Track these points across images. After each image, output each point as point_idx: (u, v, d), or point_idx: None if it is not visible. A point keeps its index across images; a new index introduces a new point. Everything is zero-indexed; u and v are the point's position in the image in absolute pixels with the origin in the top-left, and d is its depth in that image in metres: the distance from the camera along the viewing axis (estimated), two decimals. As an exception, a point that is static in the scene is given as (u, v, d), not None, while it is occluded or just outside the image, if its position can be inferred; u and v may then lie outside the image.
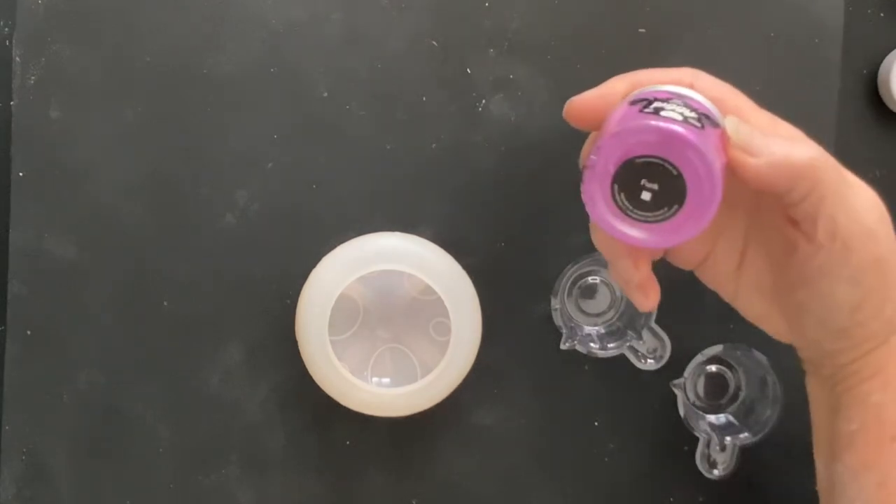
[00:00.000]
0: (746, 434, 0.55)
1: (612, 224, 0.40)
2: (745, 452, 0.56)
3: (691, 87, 0.43)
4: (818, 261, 0.41)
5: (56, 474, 0.57)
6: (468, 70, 0.57)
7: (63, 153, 0.56)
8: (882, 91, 0.61)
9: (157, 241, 0.57)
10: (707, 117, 0.40)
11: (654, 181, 0.39)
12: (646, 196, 0.39)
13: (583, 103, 0.45)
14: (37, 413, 0.57)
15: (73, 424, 0.57)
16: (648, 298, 0.45)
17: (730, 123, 0.41)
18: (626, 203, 0.40)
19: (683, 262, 0.47)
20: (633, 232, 0.40)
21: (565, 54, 0.57)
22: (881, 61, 0.61)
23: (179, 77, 0.56)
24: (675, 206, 0.39)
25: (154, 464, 0.57)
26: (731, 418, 0.57)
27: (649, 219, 0.40)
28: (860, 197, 0.41)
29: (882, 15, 0.61)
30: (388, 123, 0.57)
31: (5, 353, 0.57)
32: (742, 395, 0.58)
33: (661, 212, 0.39)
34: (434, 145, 0.57)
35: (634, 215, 0.40)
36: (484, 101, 0.57)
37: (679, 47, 0.57)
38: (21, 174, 0.56)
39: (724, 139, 0.40)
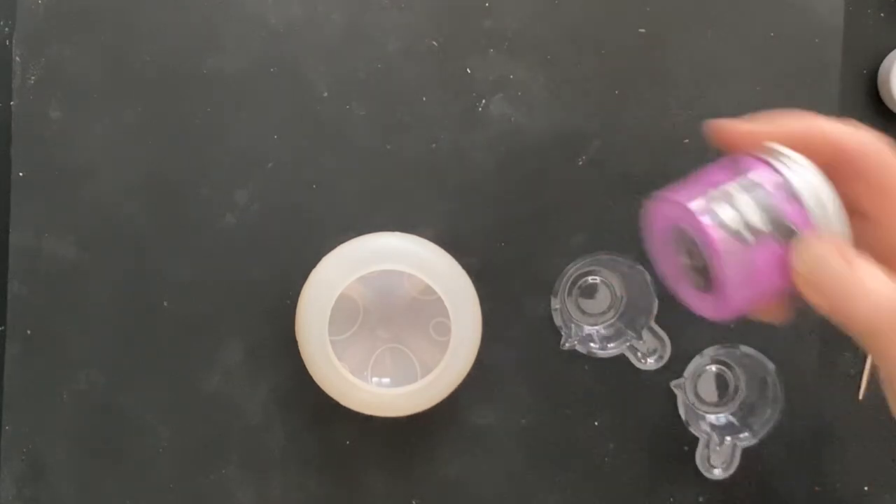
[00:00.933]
0: (746, 434, 0.55)
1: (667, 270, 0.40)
2: (745, 452, 0.56)
3: (869, 168, 0.37)
4: None
5: (56, 474, 0.57)
6: (468, 70, 0.57)
7: (63, 153, 0.56)
8: (882, 91, 0.61)
9: (157, 241, 0.57)
10: (779, 229, 0.36)
11: (698, 251, 0.38)
12: (688, 259, 0.39)
13: (728, 131, 0.41)
14: (37, 413, 0.57)
15: (73, 424, 0.57)
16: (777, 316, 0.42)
17: (799, 248, 0.36)
18: (681, 256, 0.39)
19: None
20: (683, 289, 0.40)
21: (565, 54, 0.57)
22: (881, 61, 0.61)
23: (179, 77, 0.56)
24: (708, 287, 0.38)
25: (154, 464, 0.57)
26: (731, 418, 0.57)
27: (694, 279, 0.39)
28: None
29: (882, 15, 0.61)
30: (388, 123, 0.57)
31: (5, 353, 0.57)
32: (742, 395, 0.58)
33: (701, 280, 0.38)
34: (434, 145, 0.57)
35: (686, 273, 0.39)
36: (484, 101, 0.57)
37: (679, 47, 0.57)
38: (21, 174, 0.56)
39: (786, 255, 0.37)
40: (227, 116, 0.57)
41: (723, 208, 0.36)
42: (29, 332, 0.57)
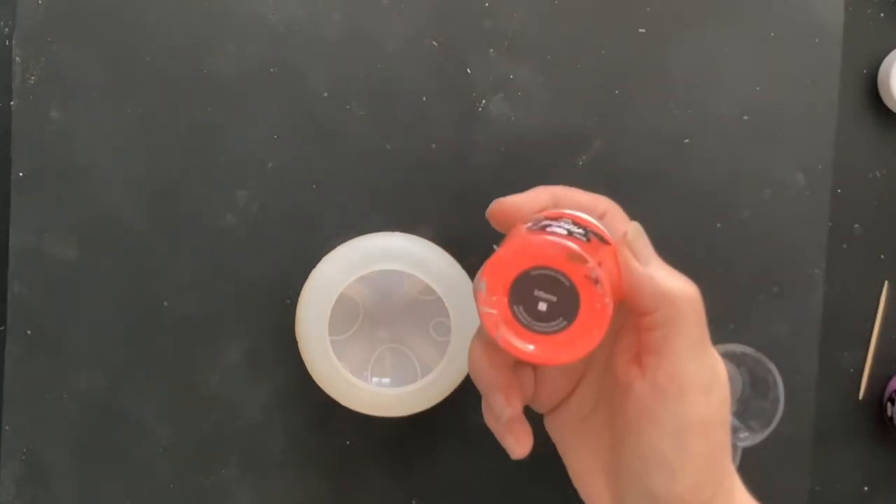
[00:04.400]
0: (746, 434, 0.55)
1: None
2: (745, 452, 0.56)
3: (601, 217, 0.44)
4: (650, 401, 0.39)
5: (56, 475, 0.57)
6: (468, 70, 0.57)
7: (63, 153, 0.56)
8: (882, 91, 0.61)
9: (157, 241, 0.57)
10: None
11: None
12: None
13: (502, 208, 0.44)
14: (37, 413, 0.57)
15: (73, 424, 0.57)
16: (520, 443, 0.43)
17: (632, 229, 0.40)
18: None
19: (546, 400, 0.45)
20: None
21: (565, 54, 0.57)
22: (881, 61, 0.61)
23: (179, 77, 0.56)
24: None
25: (154, 464, 0.57)
26: (731, 418, 0.57)
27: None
28: (711, 356, 0.40)
29: (882, 15, 0.61)
30: (388, 123, 0.57)
31: (5, 353, 0.57)
32: (742, 394, 0.58)
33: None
34: (434, 145, 0.57)
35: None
36: (484, 101, 0.57)
37: (679, 47, 0.57)
38: (21, 174, 0.56)
39: (614, 255, 0.40)
40: (228, 116, 0.57)
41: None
42: (29, 332, 0.57)
